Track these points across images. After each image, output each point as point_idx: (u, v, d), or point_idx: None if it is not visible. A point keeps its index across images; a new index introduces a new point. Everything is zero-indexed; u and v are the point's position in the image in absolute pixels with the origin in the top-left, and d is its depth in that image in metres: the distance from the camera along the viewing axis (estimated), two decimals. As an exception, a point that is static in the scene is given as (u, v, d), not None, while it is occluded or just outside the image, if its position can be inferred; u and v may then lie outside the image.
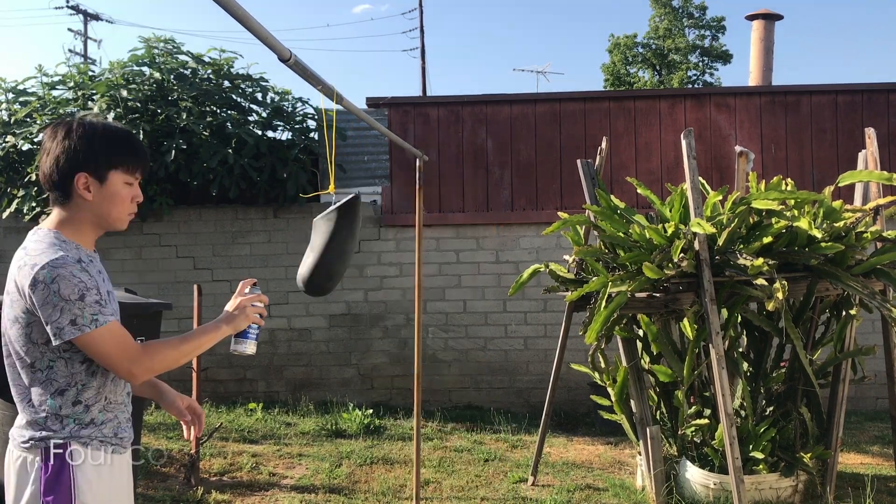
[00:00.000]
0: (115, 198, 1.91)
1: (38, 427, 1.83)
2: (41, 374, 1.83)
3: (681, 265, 3.96)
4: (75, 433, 1.84)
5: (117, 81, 7.06)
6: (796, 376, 4.54)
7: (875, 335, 6.28)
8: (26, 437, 1.83)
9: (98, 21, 26.34)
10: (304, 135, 7.51)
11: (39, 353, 1.82)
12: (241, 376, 7.56)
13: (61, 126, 1.89)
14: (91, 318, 1.77)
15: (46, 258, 1.77)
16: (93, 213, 1.90)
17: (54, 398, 1.83)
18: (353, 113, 3.11)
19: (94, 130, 1.89)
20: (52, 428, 1.83)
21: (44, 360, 1.82)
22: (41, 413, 1.83)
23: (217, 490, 4.69)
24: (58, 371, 1.83)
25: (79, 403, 1.85)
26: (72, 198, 1.88)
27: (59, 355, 1.82)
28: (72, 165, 1.85)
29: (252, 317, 2.03)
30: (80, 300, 1.76)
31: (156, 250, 7.58)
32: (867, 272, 4.17)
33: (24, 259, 1.80)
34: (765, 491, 4.33)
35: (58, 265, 1.76)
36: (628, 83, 27.80)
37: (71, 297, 1.75)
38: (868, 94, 7.45)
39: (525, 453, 5.67)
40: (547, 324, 7.38)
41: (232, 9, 1.90)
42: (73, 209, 1.89)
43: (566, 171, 7.42)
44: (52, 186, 1.88)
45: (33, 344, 1.81)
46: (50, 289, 1.74)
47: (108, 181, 1.89)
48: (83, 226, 1.91)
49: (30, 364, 1.83)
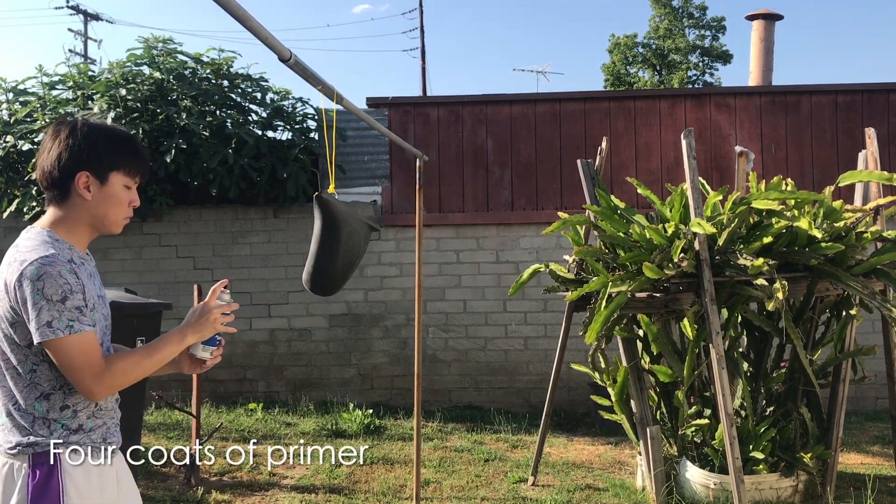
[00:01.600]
0: (114, 199, 1.89)
1: (26, 432, 1.78)
2: (25, 378, 1.78)
3: (681, 265, 3.96)
4: (64, 438, 1.80)
5: (117, 81, 7.05)
6: (796, 376, 4.54)
7: (875, 335, 6.28)
8: (13, 442, 1.79)
9: (98, 21, 26.36)
10: (304, 135, 7.51)
11: (23, 355, 1.77)
12: (241, 376, 7.56)
13: (65, 125, 1.88)
14: (67, 323, 1.72)
15: (36, 255, 1.74)
16: (90, 213, 1.87)
17: (40, 402, 1.79)
18: (353, 113, 3.11)
19: (98, 131, 1.87)
20: (40, 433, 1.78)
21: (27, 362, 1.78)
22: (28, 418, 1.78)
23: (217, 490, 4.69)
24: (41, 375, 1.78)
25: (66, 408, 1.81)
26: (69, 197, 1.85)
27: (42, 358, 1.78)
28: (74, 163, 1.83)
29: (219, 327, 1.92)
30: (60, 302, 1.72)
31: (156, 250, 7.58)
32: (867, 272, 4.17)
33: (14, 256, 1.77)
34: (765, 491, 4.33)
35: (46, 263, 1.72)
36: (628, 83, 27.80)
37: (53, 297, 1.71)
38: (868, 94, 7.45)
39: (525, 453, 5.67)
40: (547, 324, 7.38)
41: (232, 9, 1.90)
42: (69, 209, 1.86)
43: (566, 171, 7.42)
44: (51, 184, 1.85)
45: (17, 345, 1.77)
46: (35, 286, 1.70)
47: (109, 182, 1.87)
48: (78, 226, 1.88)
49: (14, 366, 1.78)
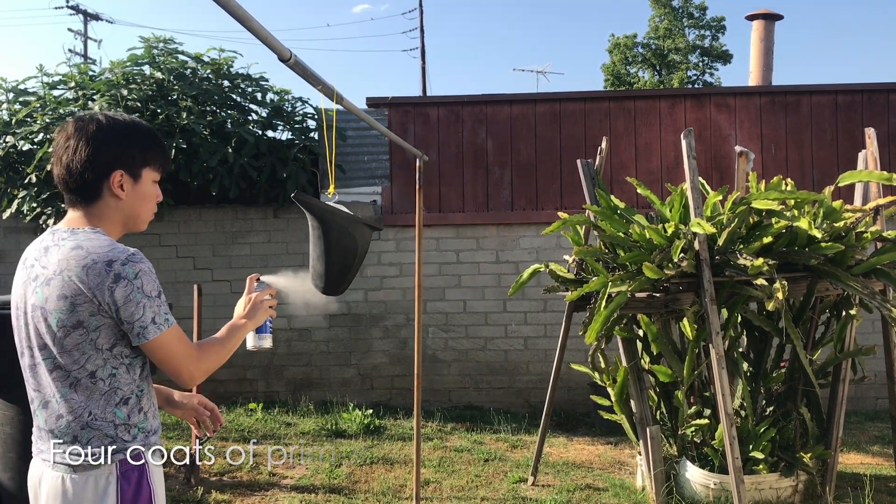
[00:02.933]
0: (147, 196, 1.82)
1: (109, 440, 1.71)
2: (103, 384, 1.70)
3: (681, 265, 3.96)
4: (144, 441, 1.77)
5: (117, 81, 7.06)
6: (796, 376, 4.54)
7: (875, 335, 6.28)
8: (96, 452, 1.69)
9: (98, 21, 26.37)
10: (304, 135, 7.51)
11: (102, 359, 1.69)
12: (241, 376, 7.56)
13: (89, 121, 1.76)
14: (165, 317, 1.70)
15: (122, 254, 1.66)
16: (123, 212, 1.79)
17: (120, 408, 1.72)
18: (353, 113, 3.11)
19: (125, 126, 1.78)
20: (124, 439, 1.72)
21: (106, 367, 1.69)
22: (108, 426, 1.70)
23: (217, 490, 4.69)
24: (121, 379, 1.72)
25: (141, 411, 1.77)
26: (101, 197, 1.75)
27: (121, 361, 1.71)
28: (108, 162, 1.74)
29: (268, 311, 2.03)
30: (158, 297, 1.69)
31: (156, 250, 7.57)
32: (867, 272, 4.17)
33: (90, 258, 1.64)
34: (765, 491, 4.33)
35: (137, 260, 1.66)
36: (628, 83, 27.80)
37: (152, 293, 1.67)
38: (868, 94, 7.45)
39: (525, 453, 5.67)
40: (547, 324, 7.38)
41: (232, 9, 1.89)
42: (101, 209, 1.76)
43: (566, 171, 7.42)
44: (80, 186, 1.74)
45: (97, 350, 1.68)
46: (133, 285, 1.64)
47: (142, 179, 1.80)
48: (112, 226, 1.78)
49: (91, 373, 1.68)
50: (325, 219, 2.59)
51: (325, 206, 2.60)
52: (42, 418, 1.75)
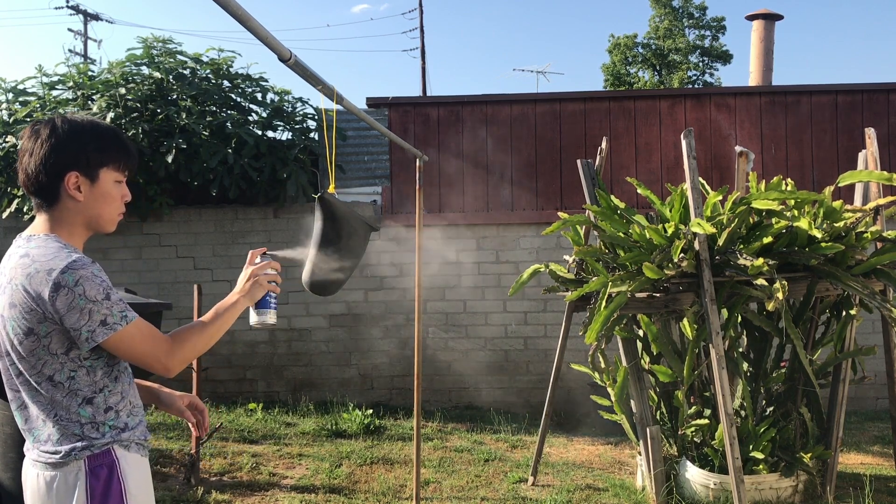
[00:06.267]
0: (107, 197, 1.82)
1: (77, 438, 1.73)
2: (63, 387, 1.72)
3: (681, 265, 3.96)
4: (116, 437, 1.77)
5: (117, 81, 7.06)
6: (796, 376, 4.54)
7: (875, 335, 6.28)
8: (63, 450, 1.72)
9: (98, 21, 26.34)
10: (304, 135, 7.51)
11: (59, 364, 1.71)
12: (241, 376, 7.56)
13: (44, 124, 1.78)
14: (120, 315, 1.69)
15: (63, 261, 1.67)
16: (83, 214, 1.80)
17: (84, 408, 1.74)
18: (353, 113, 3.11)
19: (80, 127, 1.79)
20: (92, 436, 1.74)
21: (63, 371, 1.72)
22: (75, 425, 1.73)
23: (217, 490, 4.69)
24: (80, 381, 1.73)
25: (110, 409, 1.77)
26: (60, 200, 1.77)
27: (79, 364, 1.73)
28: (61, 164, 1.75)
29: (267, 285, 1.95)
30: (106, 299, 1.68)
31: (156, 250, 7.58)
32: (867, 272, 4.17)
33: (33, 266, 1.68)
34: (765, 491, 4.33)
35: (78, 267, 1.66)
36: (628, 83, 27.79)
37: (97, 297, 1.67)
38: (868, 94, 7.45)
39: (525, 453, 5.67)
40: (547, 324, 7.38)
41: (232, 9, 1.89)
42: (61, 212, 1.79)
43: (566, 171, 7.42)
44: (38, 189, 1.77)
45: (52, 355, 1.70)
46: (74, 292, 1.64)
47: (100, 180, 1.79)
48: (74, 228, 1.80)
49: (48, 377, 1.72)
50: (344, 219, 2.65)
51: (345, 208, 2.67)
52: (21, 419, 1.81)
